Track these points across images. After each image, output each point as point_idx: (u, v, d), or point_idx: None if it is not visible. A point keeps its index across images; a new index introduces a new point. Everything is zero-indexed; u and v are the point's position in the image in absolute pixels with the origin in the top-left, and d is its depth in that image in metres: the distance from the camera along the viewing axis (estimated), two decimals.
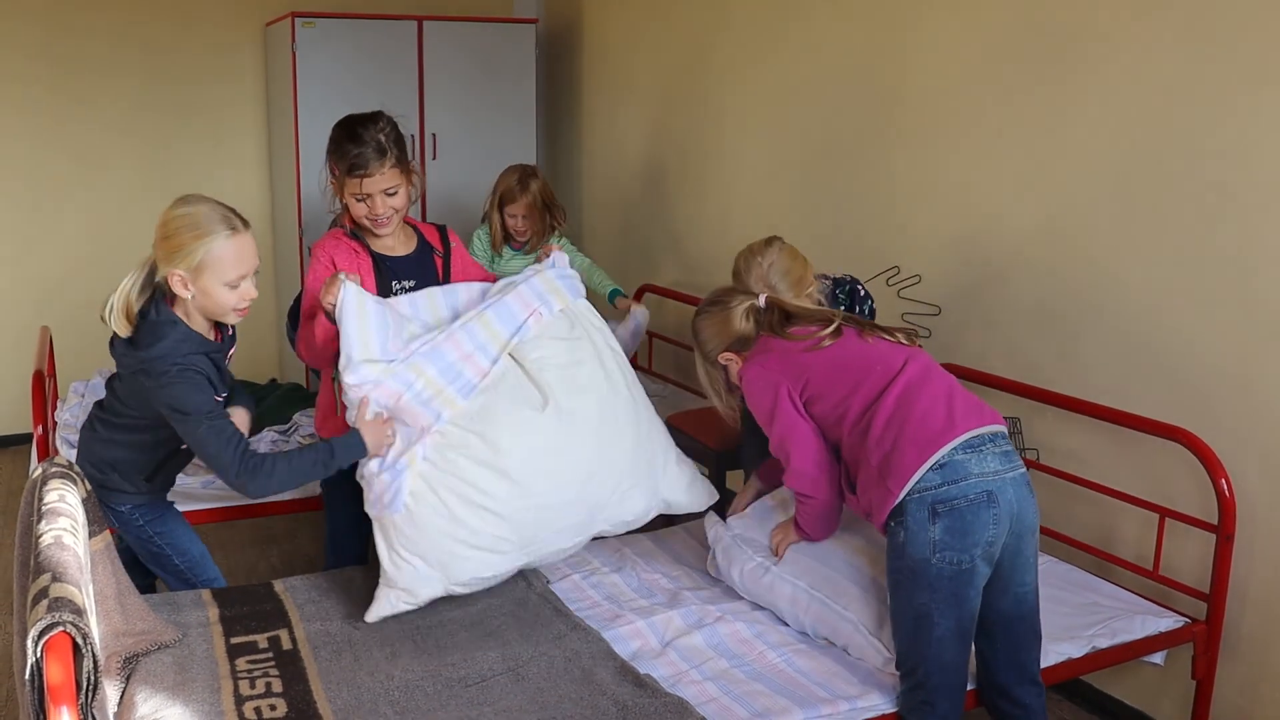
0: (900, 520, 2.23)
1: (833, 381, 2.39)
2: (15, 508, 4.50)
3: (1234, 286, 2.66)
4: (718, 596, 2.73)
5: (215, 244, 2.31)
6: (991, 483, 2.20)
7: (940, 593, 2.20)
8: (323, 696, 2.16)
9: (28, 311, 5.37)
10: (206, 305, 2.37)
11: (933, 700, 2.25)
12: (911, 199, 3.55)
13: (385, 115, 2.70)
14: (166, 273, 2.33)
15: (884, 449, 2.27)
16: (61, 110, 5.34)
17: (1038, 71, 3.08)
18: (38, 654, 1.63)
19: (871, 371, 2.36)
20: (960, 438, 2.22)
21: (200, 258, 2.31)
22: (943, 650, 2.23)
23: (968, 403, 2.32)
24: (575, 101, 5.73)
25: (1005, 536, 2.23)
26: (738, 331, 2.53)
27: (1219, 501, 2.63)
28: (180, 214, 2.33)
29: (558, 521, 2.51)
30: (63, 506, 2.01)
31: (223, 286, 2.35)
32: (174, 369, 2.30)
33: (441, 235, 2.89)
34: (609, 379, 2.61)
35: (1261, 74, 2.55)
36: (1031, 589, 2.32)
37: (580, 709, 2.15)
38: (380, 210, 2.65)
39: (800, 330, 2.47)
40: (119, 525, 2.56)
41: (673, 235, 4.96)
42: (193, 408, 2.31)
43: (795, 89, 4.07)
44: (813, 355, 2.41)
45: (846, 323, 2.46)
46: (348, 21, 5.08)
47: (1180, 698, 2.87)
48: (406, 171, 2.68)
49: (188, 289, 2.34)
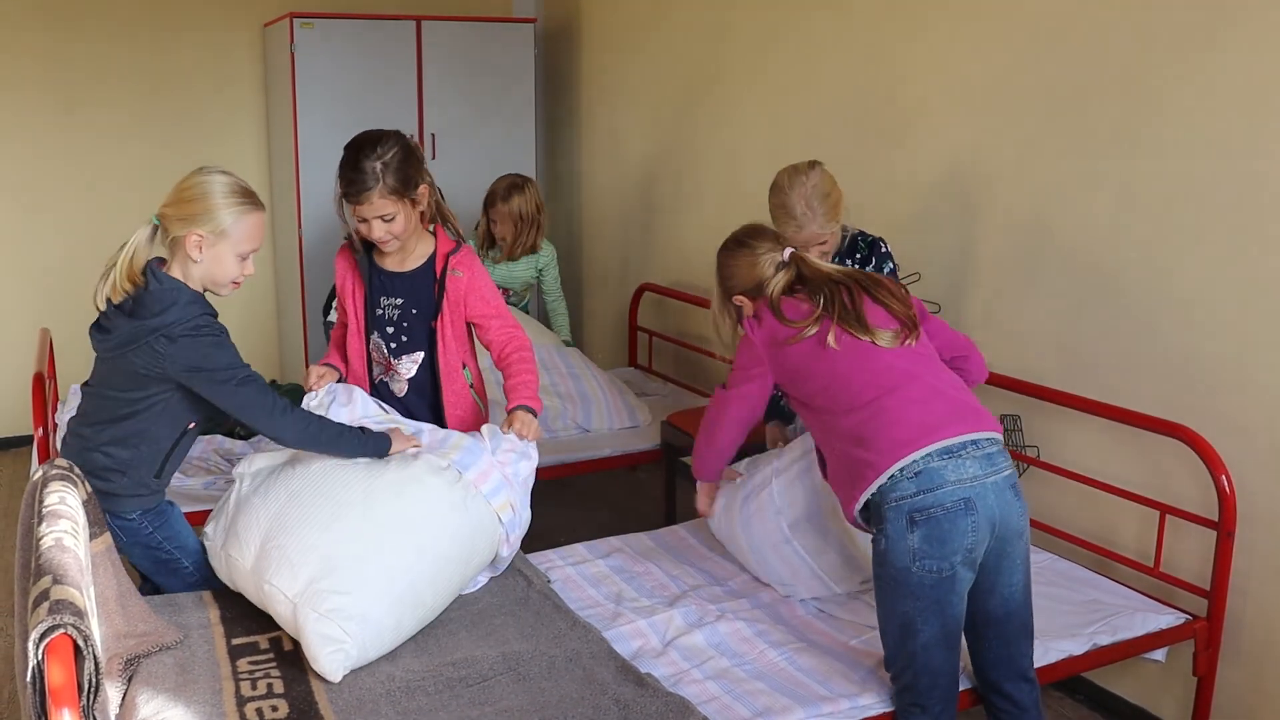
0: (880, 528, 2.22)
1: (808, 374, 2.37)
2: (16, 509, 4.50)
3: (1234, 282, 2.66)
4: (718, 596, 2.73)
5: (242, 213, 2.38)
6: (969, 489, 2.17)
7: (922, 600, 2.19)
8: (324, 697, 2.16)
9: (28, 314, 5.37)
10: (213, 272, 2.40)
11: (924, 703, 2.26)
12: (910, 199, 3.55)
13: (394, 137, 2.64)
14: (184, 233, 2.35)
15: (849, 452, 2.26)
16: (60, 112, 5.34)
17: (1040, 69, 3.08)
18: (39, 656, 1.64)
19: (851, 372, 2.31)
20: (928, 447, 2.18)
21: (226, 224, 2.36)
22: (929, 656, 2.22)
23: (951, 407, 2.25)
24: (574, 101, 5.73)
25: (989, 541, 2.21)
26: (759, 277, 2.51)
27: (1219, 498, 2.63)
28: (208, 179, 2.38)
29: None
30: (63, 508, 2.02)
31: (235, 256, 2.40)
32: (196, 329, 2.32)
33: (446, 262, 2.76)
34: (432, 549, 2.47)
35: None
36: (1019, 588, 2.29)
37: (581, 709, 2.15)
38: (376, 234, 2.66)
39: (793, 310, 2.43)
40: (126, 539, 2.50)
41: (671, 235, 4.96)
42: (220, 364, 2.34)
43: (794, 89, 4.07)
44: (795, 345, 2.39)
45: (831, 317, 2.38)
46: (346, 22, 5.07)
47: (1181, 694, 2.87)
48: (405, 198, 2.64)
49: (200, 253, 2.37)
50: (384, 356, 2.81)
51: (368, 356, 2.84)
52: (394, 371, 2.81)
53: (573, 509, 4.65)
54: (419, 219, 2.72)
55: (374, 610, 2.26)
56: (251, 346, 5.55)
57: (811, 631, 2.58)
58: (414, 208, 2.68)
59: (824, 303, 2.40)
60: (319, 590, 2.25)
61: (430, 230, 2.79)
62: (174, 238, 2.37)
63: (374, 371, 2.85)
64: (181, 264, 2.40)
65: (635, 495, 4.84)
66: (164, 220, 2.38)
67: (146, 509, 2.51)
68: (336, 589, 2.25)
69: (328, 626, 2.21)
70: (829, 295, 2.40)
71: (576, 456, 3.93)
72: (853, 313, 2.37)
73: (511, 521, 2.56)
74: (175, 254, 2.39)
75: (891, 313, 2.39)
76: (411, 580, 2.34)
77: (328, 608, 2.23)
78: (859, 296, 2.40)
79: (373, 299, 2.79)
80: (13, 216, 5.36)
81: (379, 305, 2.78)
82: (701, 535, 3.10)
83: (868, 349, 2.34)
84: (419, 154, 2.70)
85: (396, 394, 2.82)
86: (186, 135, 5.61)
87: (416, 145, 2.71)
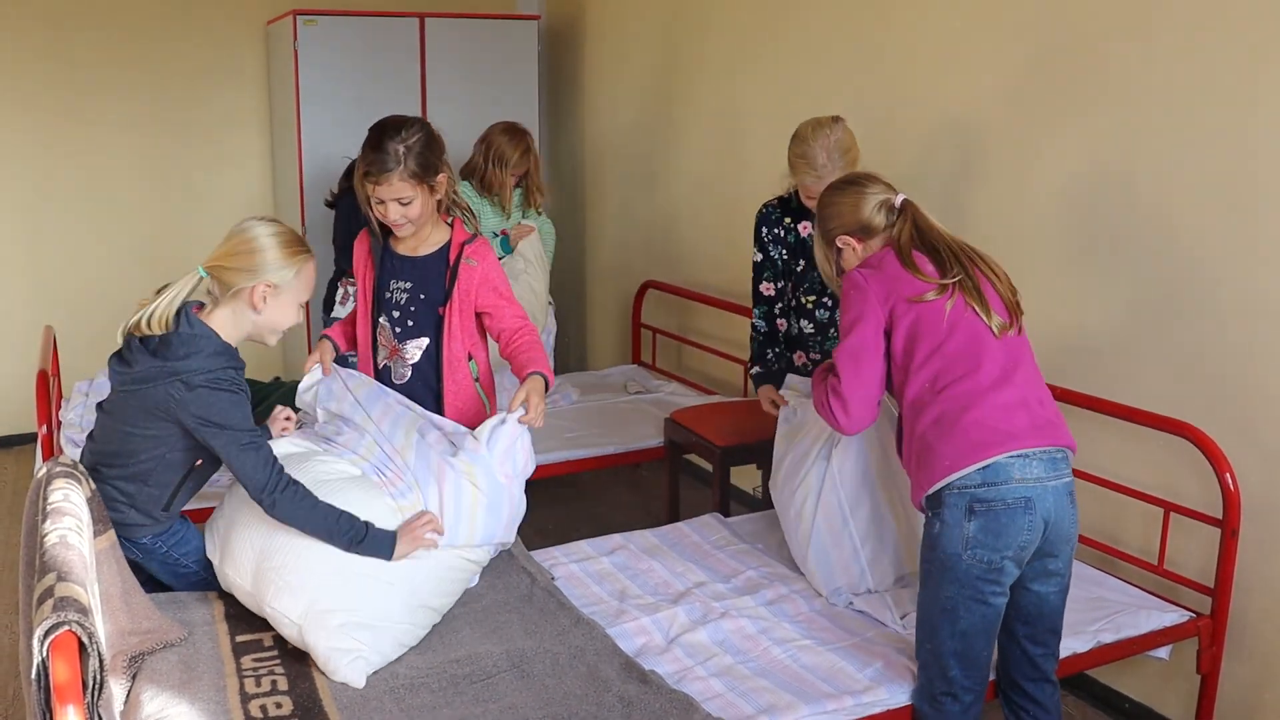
0: (937, 512, 2.23)
1: (917, 341, 2.28)
2: (20, 507, 4.51)
3: (1239, 280, 2.66)
4: (722, 593, 2.73)
5: (304, 263, 2.39)
6: (1032, 489, 2.18)
7: (968, 588, 2.20)
8: (328, 694, 2.16)
9: (31, 311, 5.38)
10: (272, 320, 2.38)
11: (955, 692, 2.26)
12: (910, 190, 3.54)
13: (419, 124, 2.66)
14: (250, 284, 2.32)
15: (930, 438, 2.24)
16: (64, 110, 5.34)
17: (1042, 68, 3.08)
18: (44, 653, 1.64)
19: (958, 351, 2.24)
20: (1001, 456, 2.17)
21: (294, 274, 2.36)
22: (967, 645, 2.23)
23: (1033, 421, 2.22)
24: (577, 98, 5.72)
25: (1038, 543, 2.22)
26: (863, 219, 2.39)
27: (1224, 496, 2.63)
28: (274, 231, 2.37)
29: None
30: (67, 506, 2.02)
31: (297, 306, 2.41)
32: (216, 381, 2.28)
33: (461, 251, 2.76)
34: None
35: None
36: (1057, 592, 2.31)
37: (585, 705, 2.15)
38: (392, 216, 2.67)
39: (922, 260, 2.31)
40: (142, 558, 2.48)
41: (675, 232, 4.96)
42: (232, 422, 2.29)
43: (798, 83, 4.06)
44: (915, 305, 2.28)
45: (960, 288, 2.28)
46: (349, 19, 5.07)
47: (1185, 692, 2.86)
48: (424, 184, 2.65)
49: (266, 303, 2.35)
50: (390, 340, 2.82)
51: (373, 340, 2.86)
52: (399, 356, 2.82)
53: (576, 506, 4.66)
54: (435, 207, 2.73)
55: (381, 620, 2.27)
56: (253, 344, 5.55)
57: (815, 629, 2.58)
58: (431, 195, 2.69)
59: (951, 266, 2.29)
60: (323, 610, 2.25)
61: (448, 223, 2.80)
62: (237, 289, 2.33)
63: (379, 355, 2.86)
64: (236, 313, 2.36)
65: (639, 492, 4.85)
66: (218, 273, 2.34)
67: (158, 534, 2.49)
68: (340, 606, 2.25)
69: (340, 640, 2.22)
70: (953, 258, 2.31)
71: (580, 454, 3.93)
72: (974, 286, 2.29)
73: (511, 512, 2.56)
74: (230, 304, 2.35)
75: (999, 293, 2.32)
76: (413, 587, 2.34)
77: (336, 624, 2.23)
78: (978, 268, 2.32)
79: (382, 281, 2.81)
80: (16, 214, 5.37)
81: (388, 288, 2.80)
82: (705, 532, 3.11)
83: (982, 333, 2.26)
84: (441, 143, 2.70)
85: (400, 380, 2.83)
86: (190, 132, 5.61)
87: (439, 134, 2.72)
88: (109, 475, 2.40)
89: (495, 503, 2.48)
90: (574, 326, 5.96)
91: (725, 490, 3.55)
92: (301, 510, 2.30)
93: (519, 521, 2.61)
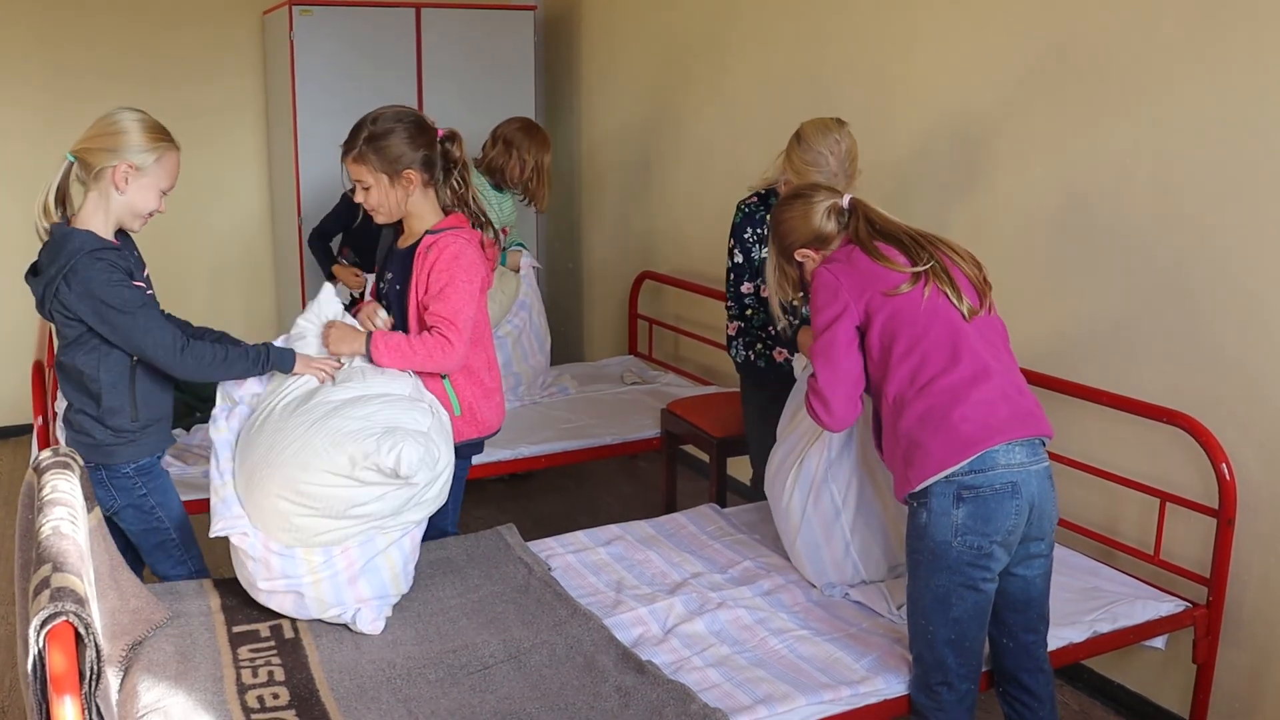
0: (923, 502, 2.23)
1: (895, 335, 2.27)
2: (16, 498, 4.50)
3: (1234, 272, 2.66)
4: (719, 583, 2.74)
5: (170, 152, 2.49)
6: (1017, 474, 2.20)
7: (959, 575, 2.21)
8: (325, 684, 2.16)
9: (26, 302, 5.34)
10: (132, 203, 2.48)
11: (951, 681, 2.27)
12: (909, 185, 3.55)
13: (398, 115, 2.64)
14: (113, 164, 2.42)
15: (918, 436, 2.23)
16: (57, 101, 5.31)
17: (1045, 65, 3.07)
18: (40, 644, 1.64)
19: (936, 344, 2.24)
20: (986, 449, 2.18)
21: (155, 158, 2.46)
22: (961, 632, 2.24)
23: (1015, 412, 2.23)
24: (574, 88, 5.71)
25: (1024, 526, 2.23)
26: (816, 228, 2.42)
27: (1220, 486, 2.63)
28: (138, 117, 2.47)
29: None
30: (61, 495, 2.02)
31: (157, 192, 2.50)
32: (88, 263, 2.40)
33: (420, 241, 2.69)
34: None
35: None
36: (1042, 575, 2.33)
37: (582, 696, 2.15)
38: (358, 197, 2.69)
39: (889, 251, 2.32)
40: (120, 499, 2.55)
41: (672, 223, 4.95)
42: (116, 295, 2.41)
43: (797, 76, 4.05)
44: (891, 298, 2.27)
45: (932, 274, 2.28)
46: (345, 9, 5.05)
47: (1181, 682, 2.87)
48: (375, 172, 2.61)
49: (127, 184, 2.44)
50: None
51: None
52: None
53: (573, 497, 4.66)
54: (404, 199, 2.67)
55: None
56: (250, 336, 5.53)
57: (812, 619, 2.58)
58: (393, 185, 2.65)
59: (919, 254, 2.30)
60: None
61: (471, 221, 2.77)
62: (99, 169, 2.43)
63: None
64: (102, 195, 2.46)
65: (636, 483, 4.85)
66: (84, 155, 2.45)
67: (138, 464, 2.56)
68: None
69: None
70: (918, 246, 2.31)
71: (577, 444, 3.92)
72: (944, 271, 2.29)
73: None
74: (95, 187, 2.45)
75: (966, 275, 2.32)
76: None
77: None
78: (942, 252, 2.32)
79: (381, 272, 2.86)
80: (9, 205, 5.35)
81: (383, 279, 2.82)
82: (702, 523, 3.11)
83: (957, 321, 2.26)
84: (421, 139, 2.64)
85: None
86: (185, 124, 5.47)
87: (424, 131, 2.66)
88: (75, 406, 2.54)
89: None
90: (571, 317, 5.96)
91: (722, 481, 3.56)
92: (207, 357, 2.49)
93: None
